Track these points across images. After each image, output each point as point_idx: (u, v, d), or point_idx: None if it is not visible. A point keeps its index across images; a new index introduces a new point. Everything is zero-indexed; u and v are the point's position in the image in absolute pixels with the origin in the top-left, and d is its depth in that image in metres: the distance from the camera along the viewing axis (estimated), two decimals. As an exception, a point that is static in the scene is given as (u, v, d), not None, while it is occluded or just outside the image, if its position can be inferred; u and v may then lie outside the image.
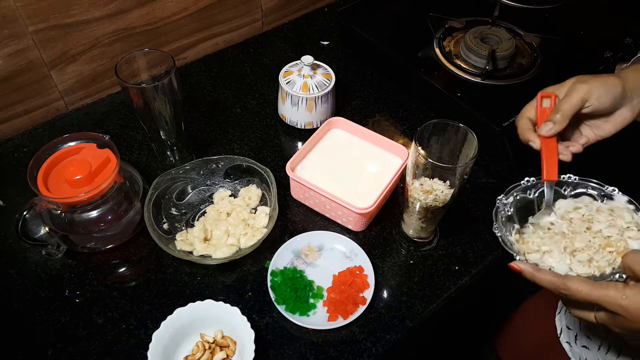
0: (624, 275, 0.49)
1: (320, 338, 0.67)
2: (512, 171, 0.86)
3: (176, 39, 1.01)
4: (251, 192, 0.79)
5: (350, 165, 0.81)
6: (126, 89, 0.69)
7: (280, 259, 0.72)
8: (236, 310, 0.64)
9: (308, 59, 0.85)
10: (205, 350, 0.63)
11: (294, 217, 0.79)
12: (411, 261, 0.75)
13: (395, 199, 0.81)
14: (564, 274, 0.50)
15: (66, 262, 0.73)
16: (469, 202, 0.82)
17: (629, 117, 0.60)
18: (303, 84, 0.85)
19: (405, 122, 0.93)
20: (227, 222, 0.75)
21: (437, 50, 0.96)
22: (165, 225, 0.74)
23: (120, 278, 0.72)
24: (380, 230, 0.78)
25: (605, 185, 0.58)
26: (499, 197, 0.59)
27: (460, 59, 0.94)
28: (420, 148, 0.61)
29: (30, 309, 0.68)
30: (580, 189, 0.59)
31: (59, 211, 0.69)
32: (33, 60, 0.84)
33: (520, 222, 0.59)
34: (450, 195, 0.64)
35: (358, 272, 0.71)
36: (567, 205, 0.59)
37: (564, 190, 0.60)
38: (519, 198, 0.60)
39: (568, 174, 0.59)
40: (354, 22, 1.03)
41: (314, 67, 0.87)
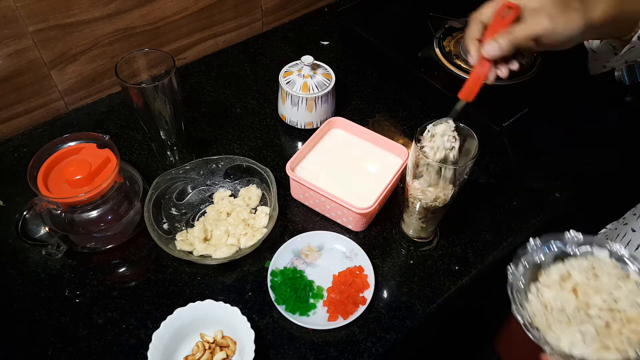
0: None
1: (320, 338, 0.67)
2: (512, 171, 0.86)
3: (176, 39, 1.01)
4: (251, 192, 0.79)
5: (350, 165, 0.81)
6: (126, 89, 0.69)
7: (280, 259, 0.72)
8: (236, 310, 0.64)
9: (308, 59, 0.85)
10: (205, 350, 0.63)
11: (294, 217, 0.79)
12: (411, 261, 0.75)
13: (395, 199, 0.81)
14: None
15: (66, 262, 0.73)
16: (469, 202, 0.82)
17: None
18: (303, 84, 0.85)
19: (405, 122, 0.93)
20: (227, 222, 0.75)
21: (437, 50, 0.96)
22: (165, 225, 0.74)
23: (120, 278, 0.72)
24: (380, 230, 0.78)
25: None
26: (508, 268, 0.52)
27: (460, 59, 0.94)
28: (420, 148, 0.61)
29: (30, 309, 0.68)
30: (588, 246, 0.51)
31: (59, 211, 0.69)
32: (33, 60, 0.84)
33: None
34: (450, 195, 0.64)
35: (358, 272, 0.71)
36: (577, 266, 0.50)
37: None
38: (527, 265, 0.53)
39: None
40: (354, 22, 1.03)
41: (314, 67, 0.87)
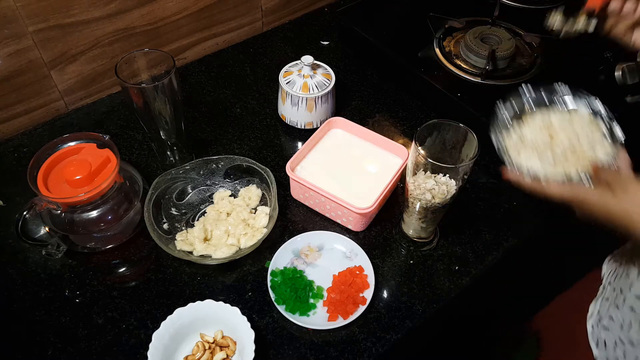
0: (589, 176, 0.56)
1: (320, 338, 0.67)
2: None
3: (176, 39, 1.01)
4: (251, 192, 0.79)
5: (350, 165, 0.81)
6: (126, 89, 0.69)
7: (281, 259, 0.72)
8: (236, 310, 0.64)
9: (308, 59, 0.85)
10: (205, 350, 0.63)
11: (294, 217, 0.79)
12: (411, 261, 0.75)
13: (395, 199, 0.81)
14: (543, 178, 0.58)
15: (66, 262, 0.73)
16: (469, 202, 0.82)
17: None
18: (303, 84, 0.85)
19: (405, 122, 0.93)
20: (227, 222, 0.75)
21: (437, 50, 0.96)
22: (165, 225, 0.74)
23: (120, 278, 0.72)
24: (380, 230, 0.78)
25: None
26: (497, 103, 0.63)
27: (460, 59, 0.94)
28: (420, 148, 0.61)
29: (30, 309, 0.68)
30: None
31: (59, 211, 0.69)
32: (33, 60, 0.84)
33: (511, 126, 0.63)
34: (450, 195, 0.64)
35: (358, 272, 0.71)
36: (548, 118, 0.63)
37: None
38: (515, 104, 0.63)
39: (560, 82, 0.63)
40: (354, 22, 1.03)
41: (314, 67, 0.87)
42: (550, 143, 0.60)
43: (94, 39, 0.89)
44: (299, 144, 0.90)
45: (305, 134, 0.88)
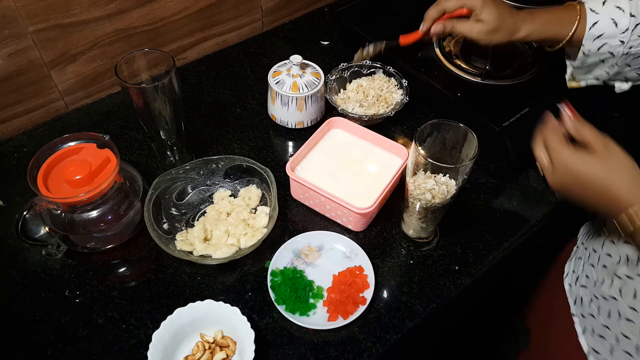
0: None
1: (320, 338, 0.67)
2: (512, 171, 0.86)
3: (176, 39, 1.01)
4: (251, 192, 0.79)
5: (350, 165, 0.81)
6: (126, 89, 0.69)
7: (280, 259, 0.72)
8: (236, 310, 0.64)
9: (297, 58, 0.85)
10: (205, 350, 0.63)
11: (294, 217, 0.79)
12: (411, 261, 0.75)
13: (395, 199, 0.81)
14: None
15: (66, 262, 0.73)
16: (469, 202, 0.82)
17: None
18: (292, 84, 0.85)
19: (405, 122, 0.93)
20: (227, 222, 0.75)
21: (437, 50, 0.96)
22: (165, 225, 0.74)
23: (120, 278, 0.72)
24: (380, 230, 0.78)
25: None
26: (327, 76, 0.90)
27: (460, 59, 0.94)
28: (420, 148, 0.61)
29: (30, 309, 0.68)
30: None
31: (59, 211, 0.69)
32: (33, 60, 0.84)
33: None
34: (450, 195, 0.64)
35: (358, 272, 0.71)
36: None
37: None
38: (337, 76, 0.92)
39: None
40: (354, 22, 1.03)
41: (303, 67, 0.87)
42: (363, 95, 0.91)
43: (94, 39, 0.89)
44: (299, 144, 0.90)
45: (304, 134, 0.88)
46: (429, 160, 0.60)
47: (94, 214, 0.70)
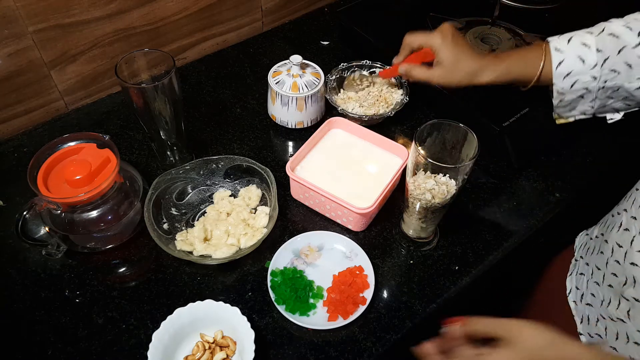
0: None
1: (320, 338, 0.67)
2: (512, 171, 0.86)
3: (176, 39, 1.01)
4: (251, 192, 0.79)
5: (350, 165, 0.81)
6: (126, 89, 0.69)
7: (280, 259, 0.72)
8: (236, 310, 0.64)
9: (297, 58, 0.85)
10: (205, 350, 0.63)
11: (294, 217, 0.79)
12: (411, 261, 0.75)
13: (395, 199, 0.81)
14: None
15: (66, 262, 0.73)
16: (469, 202, 0.82)
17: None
18: (292, 84, 0.85)
19: (405, 122, 0.93)
20: (227, 222, 0.75)
21: (437, 50, 0.96)
22: (165, 225, 0.74)
23: (120, 278, 0.72)
24: (380, 230, 0.78)
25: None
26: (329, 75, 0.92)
27: (460, 59, 0.94)
28: (420, 148, 0.61)
29: (30, 309, 0.68)
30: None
31: (59, 211, 0.69)
32: (33, 60, 0.84)
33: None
34: (450, 195, 0.64)
35: (358, 272, 0.71)
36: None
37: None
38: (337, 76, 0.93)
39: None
40: (354, 22, 1.03)
41: (303, 67, 0.87)
42: (364, 94, 0.92)
43: (94, 39, 0.89)
44: (299, 144, 0.90)
45: (304, 134, 0.88)
46: (429, 160, 0.60)
47: (94, 214, 0.70)
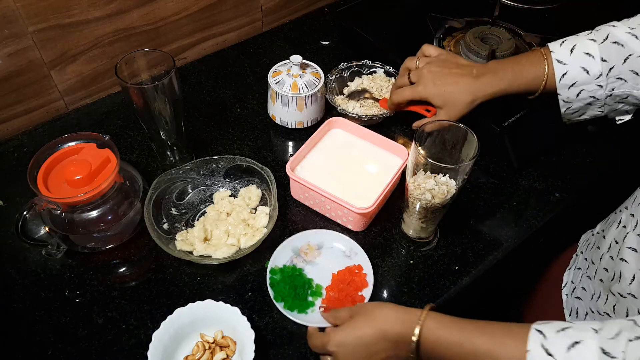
0: None
1: (320, 338, 0.66)
2: (512, 171, 0.86)
3: (176, 39, 1.01)
4: (251, 192, 0.79)
5: (350, 165, 0.81)
6: (126, 89, 0.69)
7: (280, 257, 0.72)
8: (236, 310, 0.64)
9: (297, 58, 0.85)
10: (205, 350, 0.63)
11: (294, 217, 0.79)
12: (411, 261, 0.75)
13: (395, 199, 0.81)
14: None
15: (66, 262, 0.73)
16: (469, 202, 0.82)
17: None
18: (292, 84, 0.85)
19: (405, 122, 0.93)
20: (227, 222, 0.75)
21: (437, 50, 0.96)
22: (165, 225, 0.74)
23: (120, 278, 0.72)
24: (380, 230, 0.78)
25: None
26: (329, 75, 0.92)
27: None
28: (420, 148, 0.61)
29: (30, 309, 0.68)
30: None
31: (59, 211, 0.69)
32: (33, 60, 0.84)
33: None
34: (450, 195, 0.64)
35: (357, 271, 0.71)
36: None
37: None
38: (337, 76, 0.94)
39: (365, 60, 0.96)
40: (354, 22, 1.03)
41: (303, 67, 0.87)
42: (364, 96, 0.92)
43: (94, 39, 0.89)
44: (299, 144, 0.90)
45: (304, 134, 0.88)
46: (429, 160, 0.60)
47: (94, 214, 0.70)
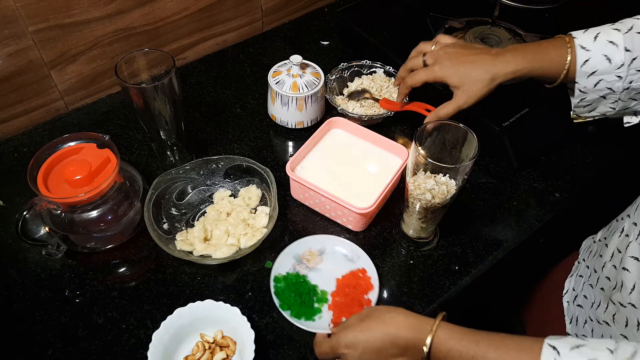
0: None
1: (320, 338, 0.66)
2: (512, 171, 0.86)
3: (176, 39, 1.01)
4: (251, 192, 0.79)
5: (350, 165, 0.81)
6: (126, 89, 0.69)
7: (282, 265, 0.71)
8: (236, 310, 0.64)
9: (297, 58, 0.85)
10: (205, 350, 0.63)
11: (294, 217, 0.79)
12: (411, 261, 0.75)
13: (395, 199, 0.81)
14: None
15: (66, 262, 0.73)
16: (469, 202, 0.82)
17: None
18: (292, 84, 0.85)
19: (405, 122, 0.93)
20: (227, 222, 0.75)
21: (437, 50, 0.95)
22: (165, 225, 0.74)
23: (120, 278, 0.72)
24: (380, 230, 0.78)
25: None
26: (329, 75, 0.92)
27: (460, 59, 0.94)
28: (420, 148, 0.61)
29: (30, 309, 0.68)
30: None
31: (59, 211, 0.69)
32: (33, 60, 0.84)
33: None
34: (450, 195, 0.64)
35: (361, 275, 0.71)
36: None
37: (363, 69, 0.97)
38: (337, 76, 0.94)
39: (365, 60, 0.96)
40: (354, 22, 1.03)
41: (303, 67, 0.87)
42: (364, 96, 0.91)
43: (94, 39, 0.89)
44: (299, 144, 0.90)
45: (304, 134, 0.88)
46: (429, 160, 0.60)
47: (94, 214, 0.70)
